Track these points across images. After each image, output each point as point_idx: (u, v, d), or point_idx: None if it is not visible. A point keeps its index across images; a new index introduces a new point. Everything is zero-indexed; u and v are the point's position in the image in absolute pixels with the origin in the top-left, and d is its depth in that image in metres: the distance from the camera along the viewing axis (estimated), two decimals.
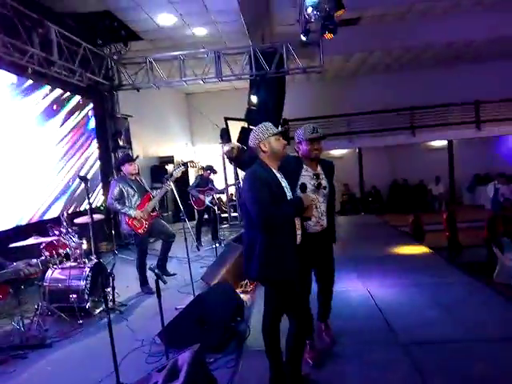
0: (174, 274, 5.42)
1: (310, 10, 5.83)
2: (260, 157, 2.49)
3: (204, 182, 7.70)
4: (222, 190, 8.37)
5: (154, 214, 4.97)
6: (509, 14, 9.65)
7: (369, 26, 9.98)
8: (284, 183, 2.50)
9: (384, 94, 13.02)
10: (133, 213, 4.74)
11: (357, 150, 13.48)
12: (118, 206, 4.75)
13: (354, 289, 4.59)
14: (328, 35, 6.01)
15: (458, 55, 12.48)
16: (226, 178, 9.89)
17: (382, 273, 5.15)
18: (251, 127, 9.11)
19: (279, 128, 2.51)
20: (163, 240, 5.22)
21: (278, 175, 2.48)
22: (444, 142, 13.25)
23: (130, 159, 5.03)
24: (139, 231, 4.81)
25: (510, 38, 10.62)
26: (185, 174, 9.80)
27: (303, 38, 7.55)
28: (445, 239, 8.86)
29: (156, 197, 4.97)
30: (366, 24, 9.89)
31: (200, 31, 8.59)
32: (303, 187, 2.56)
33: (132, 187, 4.85)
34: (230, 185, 9.03)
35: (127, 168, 4.90)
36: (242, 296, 4.31)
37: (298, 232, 2.54)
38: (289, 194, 2.50)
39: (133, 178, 4.94)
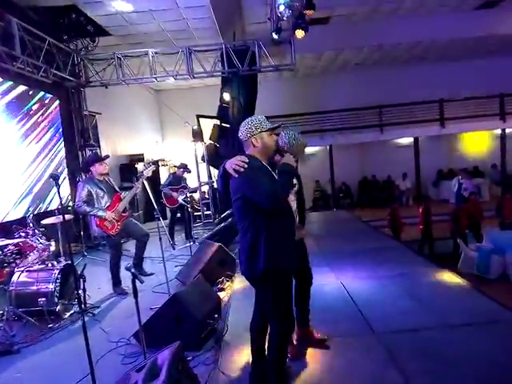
0: (152, 274, 5.32)
1: (281, 8, 5.88)
2: (249, 151, 2.38)
3: (177, 181, 7.61)
4: (196, 188, 8.29)
5: (125, 214, 4.85)
6: (470, 16, 10.09)
7: (338, 25, 10.15)
8: (275, 176, 2.39)
9: (354, 92, 13.30)
10: (103, 214, 4.60)
11: (328, 148, 13.70)
12: (87, 209, 4.59)
13: (327, 282, 4.68)
14: (299, 33, 6.07)
15: (424, 55, 12.93)
16: (199, 176, 9.79)
17: (354, 266, 5.28)
18: (224, 125, 9.09)
19: (265, 123, 2.38)
20: (137, 239, 5.10)
21: (270, 169, 2.39)
22: (410, 139, 13.70)
23: (99, 159, 4.86)
24: (111, 232, 4.67)
25: (471, 39, 11.12)
26: (156, 172, 9.64)
27: (275, 36, 7.61)
28: (414, 232, 9.18)
29: (126, 197, 4.85)
30: (335, 23, 10.06)
31: (170, 26, 8.44)
32: None
33: (101, 188, 4.69)
34: (204, 183, 8.96)
35: (97, 168, 4.73)
36: (218, 294, 4.31)
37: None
38: None
39: (101, 178, 4.78)
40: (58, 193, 2.26)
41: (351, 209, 13.01)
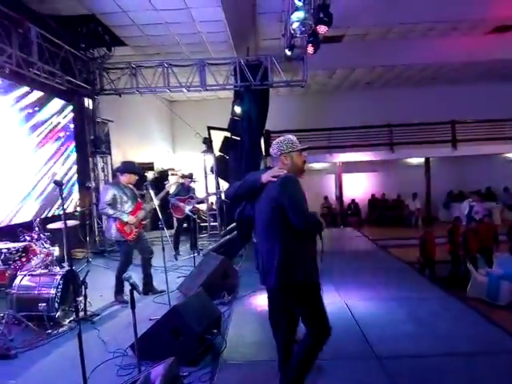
0: (163, 291, 4.97)
1: (295, 25, 5.93)
2: (278, 167, 2.53)
3: (184, 191, 7.62)
4: (203, 198, 8.29)
5: (144, 223, 4.94)
6: (482, 40, 10.08)
7: (352, 44, 10.23)
8: None
9: (365, 111, 13.31)
10: (126, 218, 4.66)
11: (337, 164, 13.66)
12: (111, 211, 4.65)
13: (331, 301, 4.57)
14: (310, 48, 6.13)
15: (436, 76, 12.94)
16: (207, 187, 9.81)
17: (359, 286, 5.18)
18: (234, 137, 9.14)
19: (296, 143, 2.57)
20: (142, 255, 5.08)
21: None
22: (421, 160, 13.60)
23: (136, 172, 5.02)
24: (129, 238, 4.72)
25: (483, 62, 11.10)
26: (164, 181, 9.69)
27: (288, 53, 7.69)
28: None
29: (147, 207, 4.93)
30: (349, 42, 10.14)
31: (185, 39, 8.58)
32: None
33: (125, 193, 4.79)
34: (211, 194, 8.96)
35: (129, 178, 4.85)
36: (219, 307, 4.25)
37: None
38: None
39: (126, 185, 4.89)
40: (61, 199, 2.27)
41: (359, 227, 12.87)
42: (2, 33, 5.31)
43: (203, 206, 10.75)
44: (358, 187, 14.38)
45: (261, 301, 4.29)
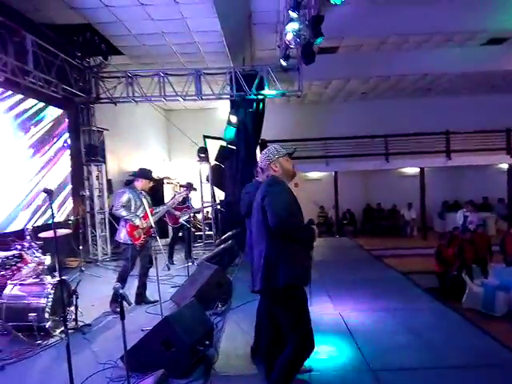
0: (156, 302, 4.85)
1: (290, 36, 6.00)
2: (270, 174, 2.61)
3: (182, 200, 7.56)
4: (199, 209, 8.23)
5: (152, 230, 4.95)
6: (477, 51, 10.22)
7: (347, 55, 10.33)
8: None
9: (360, 121, 13.40)
10: (138, 221, 4.74)
11: (333, 174, 13.69)
12: (125, 213, 4.72)
13: (325, 312, 4.55)
14: (304, 60, 6.17)
15: (431, 87, 13.08)
16: (202, 196, 9.78)
17: (354, 296, 5.14)
18: (230, 146, 9.14)
19: (280, 150, 2.69)
20: (141, 263, 5.04)
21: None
22: (416, 169, 13.67)
23: (150, 178, 5.12)
24: (136, 243, 4.76)
25: (478, 73, 11.24)
26: (158, 190, 9.64)
27: (283, 63, 7.75)
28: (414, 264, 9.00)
29: (158, 213, 5.05)
30: (344, 53, 10.24)
31: (181, 49, 8.63)
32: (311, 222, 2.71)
33: (140, 199, 4.89)
34: (207, 206, 8.88)
35: (143, 183, 4.96)
36: (212, 318, 4.19)
37: None
38: None
39: (140, 191, 4.99)
40: (51, 207, 2.24)
41: (354, 236, 12.86)
42: None
43: (199, 216, 10.71)
44: (354, 197, 14.39)
45: (255, 311, 4.24)
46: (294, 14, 5.41)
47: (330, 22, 5.60)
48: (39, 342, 3.80)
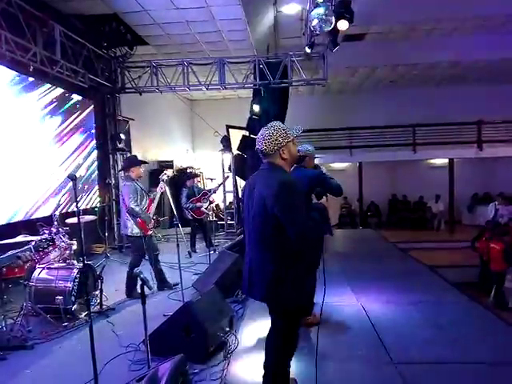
0: (177, 284, 5.05)
1: (315, 22, 5.83)
2: (277, 163, 2.24)
3: (191, 191, 7.61)
4: (216, 188, 8.19)
5: (155, 218, 5.01)
6: (510, 38, 9.69)
7: (374, 42, 10.03)
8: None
9: (387, 110, 13.05)
10: (148, 219, 4.79)
11: (357, 164, 13.44)
12: (138, 209, 4.69)
13: (347, 303, 4.50)
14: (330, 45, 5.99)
15: (462, 75, 12.53)
16: (225, 186, 9.80)
17: (377, 288, 5.04)
18: (252, 136, 9.09)
19: (288, 131, 2.26)
20: (149, 254, 5.04)
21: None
22: (445, 160, 13.23)
23: (140, 162, 5.07)
24: (147, 233, 4.84)
25: (511, 60, 10.68)
26: (178, 180, 9.72)
27: (308, 51, 7.58)
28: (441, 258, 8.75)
29: (156, 199, 4.97)
30: (371, 40, 9.94)
31: (205, 38, 8.61)
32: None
33: (143, 189, 4.90)
34: (219, 184, 8.70)
35: (137, 171, 4.91)
36: (232, 306, 4.22)
37: None
38: None
39: (138, 181, 4.97)
40: (75, 193, 2.29)
41: (378, 228, 12.63)
42: (27, 32, 5.44)
43: (221, 205, 10.76)
44: (379, 188, 14.10)
45: None
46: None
47: (356, 8, 5.42)
48: (66, 324, 3.94)
